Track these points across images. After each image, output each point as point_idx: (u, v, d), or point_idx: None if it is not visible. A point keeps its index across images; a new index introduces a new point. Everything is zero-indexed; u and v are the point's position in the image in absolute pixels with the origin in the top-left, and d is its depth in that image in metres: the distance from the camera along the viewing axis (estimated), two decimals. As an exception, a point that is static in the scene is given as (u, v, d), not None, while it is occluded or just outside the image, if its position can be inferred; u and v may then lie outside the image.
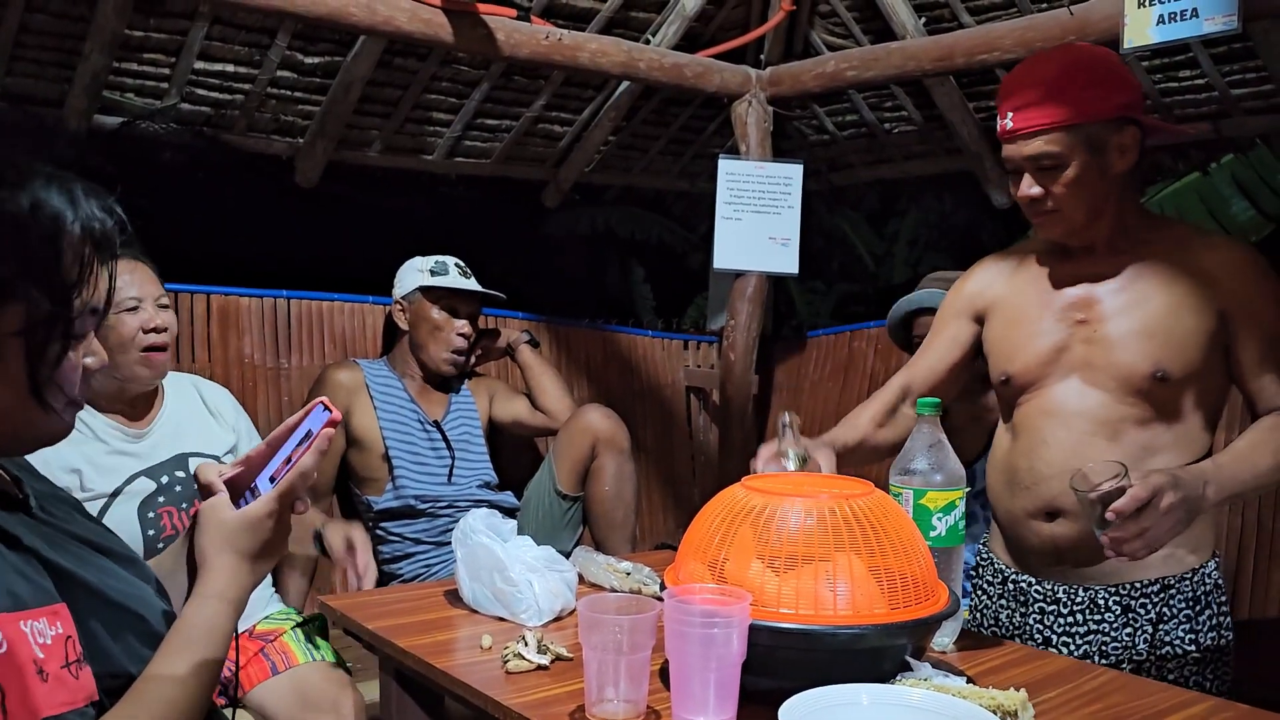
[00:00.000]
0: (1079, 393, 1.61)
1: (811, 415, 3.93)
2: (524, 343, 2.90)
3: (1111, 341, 1.59)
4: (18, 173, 0.86)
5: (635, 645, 1.14)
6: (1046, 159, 1.56)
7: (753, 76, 3.52)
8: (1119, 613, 1.60)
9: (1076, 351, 1.63)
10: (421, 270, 2.69)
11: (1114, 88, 1.55)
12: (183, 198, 3.64)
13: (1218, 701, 1.28)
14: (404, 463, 2.60)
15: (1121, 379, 1.58)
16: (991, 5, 3.26)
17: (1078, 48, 1.70)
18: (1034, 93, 1.57)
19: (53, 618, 0.83)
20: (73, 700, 0.82)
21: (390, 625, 1.54)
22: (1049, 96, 1.55)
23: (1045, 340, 1.66)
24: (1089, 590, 1.62)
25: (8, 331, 0.85)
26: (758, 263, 3.49)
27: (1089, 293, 1.64)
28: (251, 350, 2.94)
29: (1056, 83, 1.56)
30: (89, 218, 0.90)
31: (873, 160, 4.25)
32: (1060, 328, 1.65)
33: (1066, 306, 1.66)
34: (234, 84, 3.24)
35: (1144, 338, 1.57)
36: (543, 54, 3.02)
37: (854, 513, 1.21)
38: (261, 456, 1.04)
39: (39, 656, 0.80)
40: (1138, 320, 1.58)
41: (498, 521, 1.65)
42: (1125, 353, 1.58)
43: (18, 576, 0.83)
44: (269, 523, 0.99)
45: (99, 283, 0.92)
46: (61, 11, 2.85)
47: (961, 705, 1.09)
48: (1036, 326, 1.68)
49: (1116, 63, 1.61)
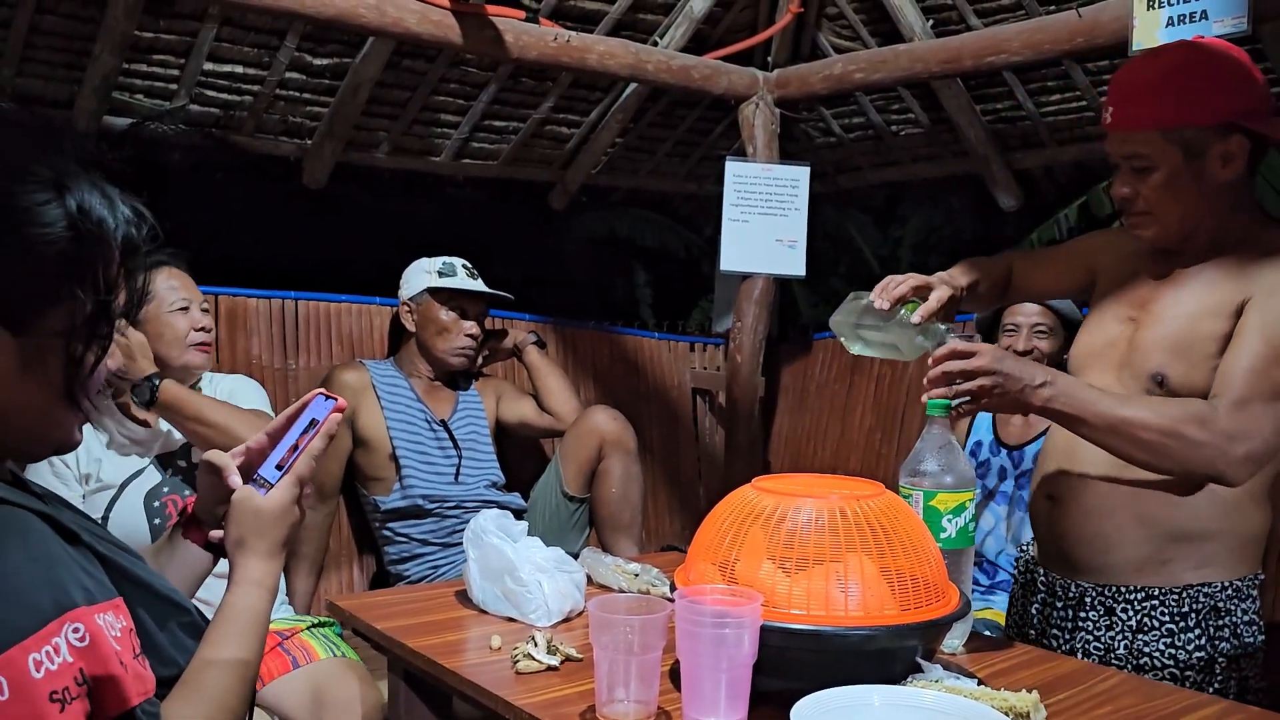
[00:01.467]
0: (1104, 385, 1.57)
1: (817, 417, 3.93)
2: (531, 344, 2.91)
3: (1146, 344, 1.56)
4: (56, 174, 0.86)
5: (646, 645, 1.14)
6: (1138, 159, 1.50)
7: (760, 79, 3.52)
8: (1101, 613, 1.58)
9: (1120, 349, 1.60)
10: (429, 271, 2.69)
11: (1222, 91, 1.46)
12: (191, 199, 3.63)
13: (1229, 704, 1.28)
14: (411, 462, 2.61)
15: (1135, 380, 1.56)
16: (999, 7, 3.26)
17: (1193, 45, 1.57)
18: (1136, 89, 1.50)
19: (117, 611, 0.85)
20: (146, 690, 0.85)
21: (399, 626, 1.54)
22: (1149, 94, 1.49)
23: (1100, 332, 1.65)
24: (1079, 586, 1.61)
25: (52, 332, 0.86)
26: (764, 265, 3.49)
27: (1151, 291, 1.59)
28: (259, 351, 2.95)
29: (1159, 81, 1.49)
30: (126, 222, 0.91)
31: (880, 163, 4.25)
32: (1115, 324, 1.63)
33: (1127, 302, 1.63)
34: (243, 85, 3.25)
35: (1162, 341, 1.54)
36: (551, 56, 3.02)
37: (865, 514, 1.21)
38: (261, 447, 1.07)
39: (117, 649, 0.82)
40: (1169, 324, 1.54)
41: (508, 522, 1.65)
42: (1145, 355, 1.55)
43: (83, 572, 0.84)
44: (294, 509, 1.04)
45: (127, 286, 0.93)
46: (71, 13, 2.85)
47: (974, 707, 1.09)
48: (1101, 316, 1.67)
49: (1234, 64, 1.49)
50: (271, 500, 1.03)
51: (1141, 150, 1.49)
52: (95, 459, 1.99)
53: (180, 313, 2.06)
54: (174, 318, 2.05)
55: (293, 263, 3.44)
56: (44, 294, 0.85)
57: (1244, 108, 1.47)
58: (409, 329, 2.73)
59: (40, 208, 0.84)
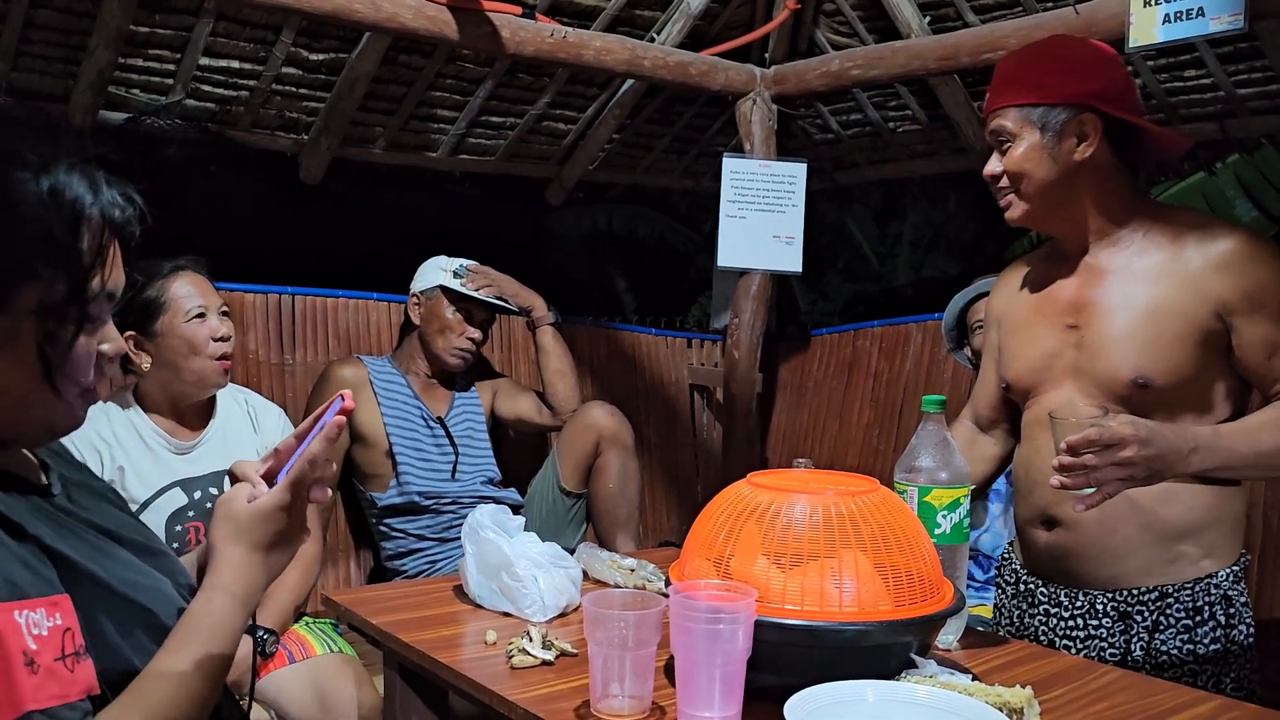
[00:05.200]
0: (1069, 402, 1.59)
1: (815, 414, 3.93)
2: (549, 324, 2.80)
3: (1096, 347, 1.57)
4: (41, 158, 0.87)
5: (641, 641, 1.14)
6: (1003, 135, 1.60)
7: (757, 75, 3.51)
8: (1115, 619, 1.59)
9: (1067, 358, 1.61)
10: (445, 270, 2.70)
11: (1077, 75, 1.56)
12: (187, 194, 3.64)
13: (1224, 701, 1.28)
14: (408, 459, 2.61)
15: (1104, 386, 1.56)
16: (996, 4, 3.26)
17: (1057, 37, 1.72)
18: (1003, 76, 1.62)
19: (52, 608, 0.82)
20: (64, 694, 0.81)
21: (395, 620, 1.54)
22: (1013, 78, 1.60)
23: (1038, 347, 1.65)
24: (1088, 595, 1.61)
25: (23, 310, 0.86)
26: (762, 261, 3.49)
27: (1080, 295, 1.61)
28: (256, 346, 2.95)
29: (1022, 66, 1.61)
30: (110, 204, 0.90)
31: (877, 159, 4.25)
32: (1053, 334, 1.63)
33: (1059, 310, 1.64)
34: (239, 80, 3.25)
35: (1124, 342, 1.54)
36: (547, 52, 3.02)
37: (859, 509, 1.21)
38: (289, 449, 1.03)
39: (30, 648, 0.79)
40: (1121, 324, 1.55)
41: (505, 517, 1.65)
42: (1108, 359, 1.55)
43: (19, 565, 0.82)
44: (280, 514, 0.97)
45: (115, 268, 0.92)
46: (67, 7, 2.85)
47: (968, 702, 1.09)
48: (1031, 333, 1.67)
49: (1094, 53, 1.60)
50: (254, 504, 0.97)
51: (1004, 124, 1.59)
52: (118, 467, 1.96)
53: (197, 320, 1.99)
54: (190, 328, 1.98)
55: (289, 258, 3.44)
56: (13, 271, 0.85)
57: (1093, 90, 1.55)
58: (414, 322, 2.73)
59: (14, 186, 0.84)
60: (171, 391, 2.03)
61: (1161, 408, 1.50)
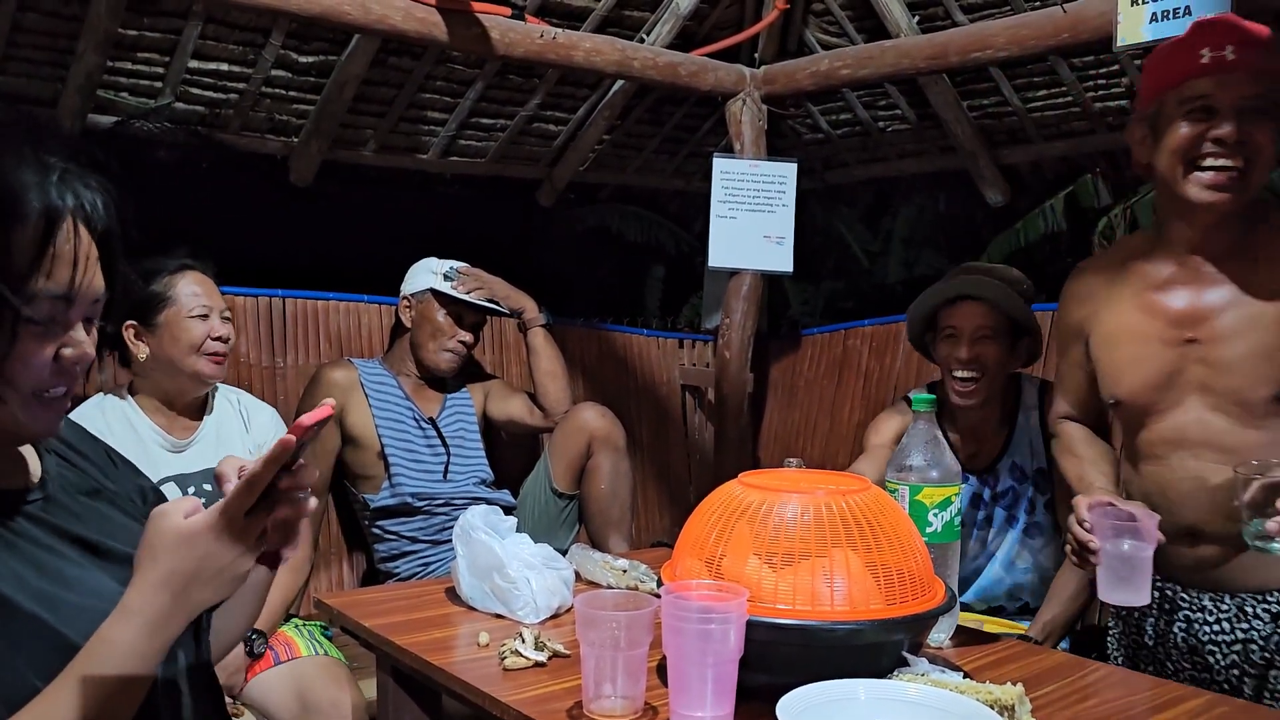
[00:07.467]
0: (1200, 419, 1.54)
1: (806, 413, 3.93)
2: (540, 325, 2.79)
3: (1228, 364, 1.51)
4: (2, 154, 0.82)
5: (633, 641, 1.14)
6: (1260, 100, 1.43)
7: (747, 75, 3.52)
8: (1267, 620, 1.56)
9: (1192, 374, 1.55)
10: (435, 273, 2.69)
11: None
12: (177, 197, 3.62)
13: (1214, 696, 1.29)
14: (400, 460, 2.60)
15: (1242, 403, 1.51)
16: (985, 3, 3.27)
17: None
18: (1254, 35, 1.42)
19: None
20: None
21: (387, 623, 1.54)
22: (1267, 42, 1.43)
23: (1154, 364, 1.57)
24: (1236, 599, 1.58)
25: None
26: (752, 261, 3.50)
27: (1197, 306, 1.54)
28: (247, 349, 2.94)
29: (1268, 36, 1.44)
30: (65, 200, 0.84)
31: (867, 159, 4.25)
32: (1168, 349, 1.56)
33: (1172, 322, 1.56)
34: (228, 83, 3.24)
35: (1263, 359, 1.48)
36: (537, 53, 3.02)
37: (850, 509, 1.21)
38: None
39: None
40: (1255, 340, 1.49)
41: (497, 518, 1.65)
42: (1244, 376, 1.50)
43: None
44: (207, 539, 0.84)
45: (60, 268, 0.85)
46: (54, 10, 2.84)
47: (959, 700, 1.09)
48: (1142, 348, 1.59)
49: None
50: (181, 523, 0.85)
51: (1267, 90, 1.43)
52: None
53: (199, 319, 2.03)
54: (191, 324, 2.02)
55: (280, 260, 3.43)
56: None
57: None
58: (404, 324, 2.72)
59: None
60: (167, 387, 2.05)
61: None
